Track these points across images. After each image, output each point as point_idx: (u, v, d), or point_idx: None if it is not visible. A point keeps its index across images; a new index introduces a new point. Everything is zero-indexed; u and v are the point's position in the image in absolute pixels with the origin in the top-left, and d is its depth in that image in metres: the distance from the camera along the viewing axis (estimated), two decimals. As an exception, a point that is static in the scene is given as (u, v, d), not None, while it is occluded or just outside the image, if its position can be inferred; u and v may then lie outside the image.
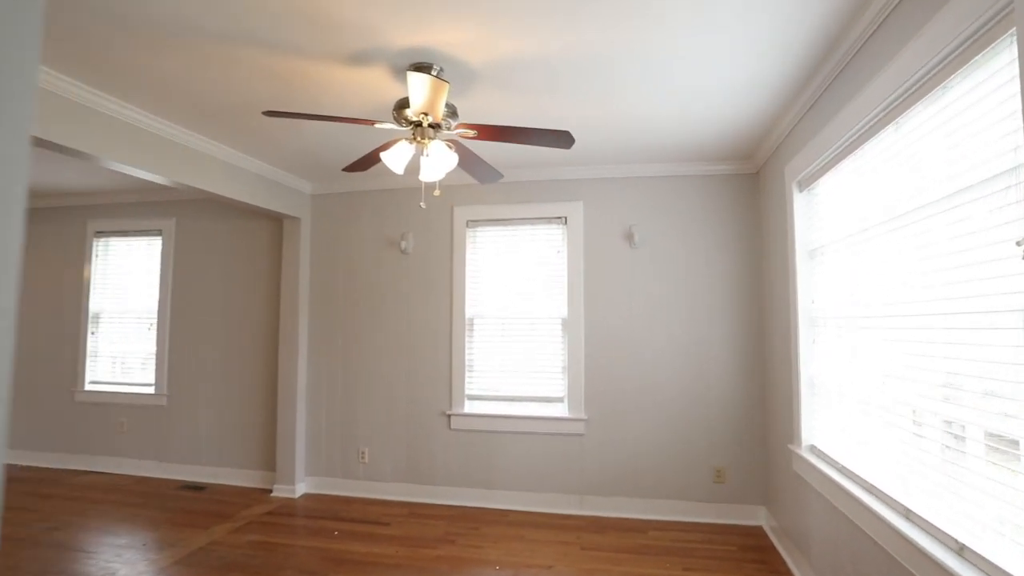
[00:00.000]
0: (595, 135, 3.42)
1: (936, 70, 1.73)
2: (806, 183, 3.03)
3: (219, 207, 4.93)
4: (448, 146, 2.55)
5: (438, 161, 2.43)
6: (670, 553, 3.42)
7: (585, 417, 4.08)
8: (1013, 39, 1.41)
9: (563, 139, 2.42)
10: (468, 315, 4.33)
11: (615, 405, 4.08)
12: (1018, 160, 1.42)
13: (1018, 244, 1.38)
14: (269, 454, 4.67)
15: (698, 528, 3.80)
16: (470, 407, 4.31)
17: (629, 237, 4.11)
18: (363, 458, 4.44)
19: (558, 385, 4.20)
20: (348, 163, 3.99)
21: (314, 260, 4.65)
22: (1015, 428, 1.45)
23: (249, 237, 4.83)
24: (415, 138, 2.46)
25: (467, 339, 4.32)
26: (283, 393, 4.48)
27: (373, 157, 2.75)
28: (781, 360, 3.44)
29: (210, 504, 4.25)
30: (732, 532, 3.74)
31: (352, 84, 2.67)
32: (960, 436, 1.74)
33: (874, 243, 2.28)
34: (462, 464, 4.27)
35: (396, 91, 2.72)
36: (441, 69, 2.50)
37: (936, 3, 1.66)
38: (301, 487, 4.49)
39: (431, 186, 4.15)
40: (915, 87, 1.86)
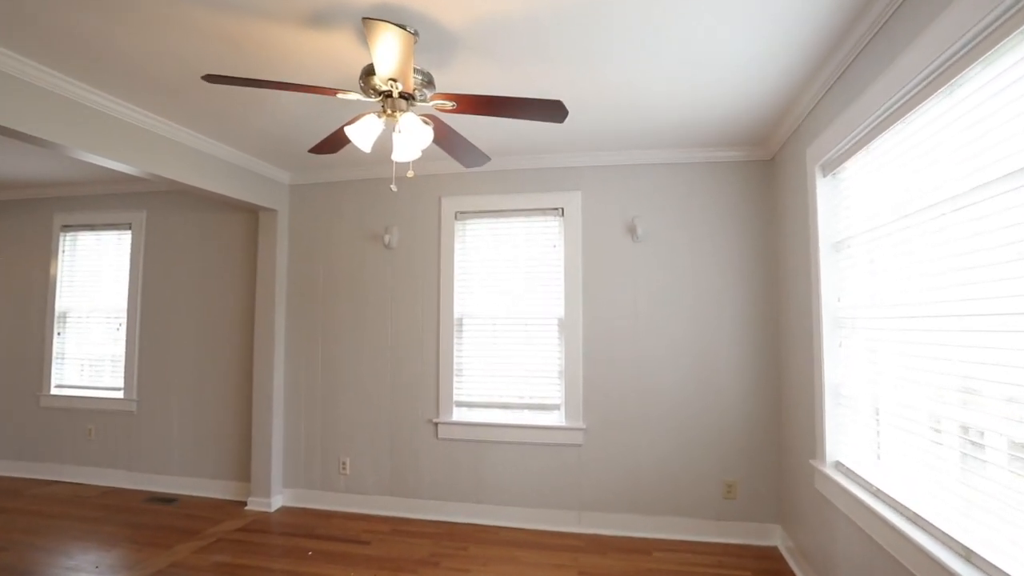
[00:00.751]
0: (591, 115, 3.09)
1: (1013, 11, 1.39)
2: (831, 167, 2.69)
3: (192, 199, 4.61)
4: (425, 121, 2.23)
5: (411, 137, 2.10)
6: (677, 579, 3.08)
7: (583, 426, 3.75)
8: None
9: (554, 110, 2.09)
10: (457, 315, 4.00)
11: (616, 413, 3.74)
12: None
13: None
14: (244, 464, 4.34)
15: (708, 549, 3.46)
16: (459, 415, 3.98)
17: (631, 230, 3.78)
18: (344, 469, 4.12)
19: (554, 391, 3.87)
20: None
21: (292, 255, 4.32)
22: None
23: (223, 231, 4.51)
24: (385, 111, 2.13)
25: (456, 341, 3.99)
26: (258, 399, 4.16)
27: (340, 135, 2.42)
28: (801, 365, 3.10)
29: (177, 519, 3.93)
30: (745, 553, 3.40)
31: (315, 51, 2.34)
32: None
33: (916, 231, 1.95)
34: (450, 476, 3.94)
35: (365, 59, 2.39)
36: (416, 32, 2.17)
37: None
38: (278, 500, 4.16)
39: (404, 167, 3.81)
40: (981, 36, 1.52)
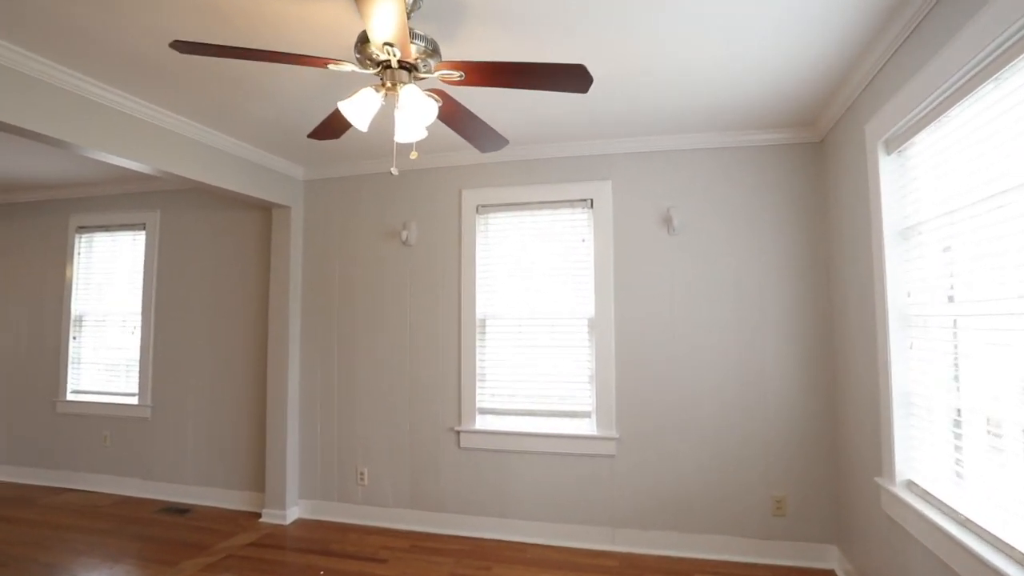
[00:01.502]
0: (621, 95, 2.81)
1: None
2: (896, 143, 2.36)
3: (205, 197, 4.46)
4: (430, 96, 1.98)
5: (413, 113, 1.85)
6: (724, 608, 2.76)
7: (616, 435, 3.45)
8: None
9: (576, 77, 1.82)
10: (479, 316, 3.75)
11: (652, 421, 3.43)
12: None
13: None
14: (260, 474, 4.16)
15: (756, 571, 3.13)
16: (482, 422, 3.72)
17: (667, 221, 3.47)
18: (362, 480, 3.89)
19: (584, 398, 3.58)
20: (330, 136, 3.47)
21: (307, 254, 4.13)
22: None
23: (237, 230, 4.34)
24: (384, 84, 1.89)
25: (478, 344, 3.74)
26: (272, 405, 3.97)
27: (339, 116, 2.19)
28: (862, 370, 2.75)
29: (188, 531, 3.75)
30: (799, 578, 3.06)
31: (309, 23, 2.12)
32: None
33: (1009, 212, 1.61)
34: (473, 489, 3.68)
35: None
36: (420, -3, 1.92)
37: None
38: (293, 512, 3.96)
39: (407, 148, 3.56)
40: None
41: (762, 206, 3.36)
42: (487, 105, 2.94)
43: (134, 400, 4.53)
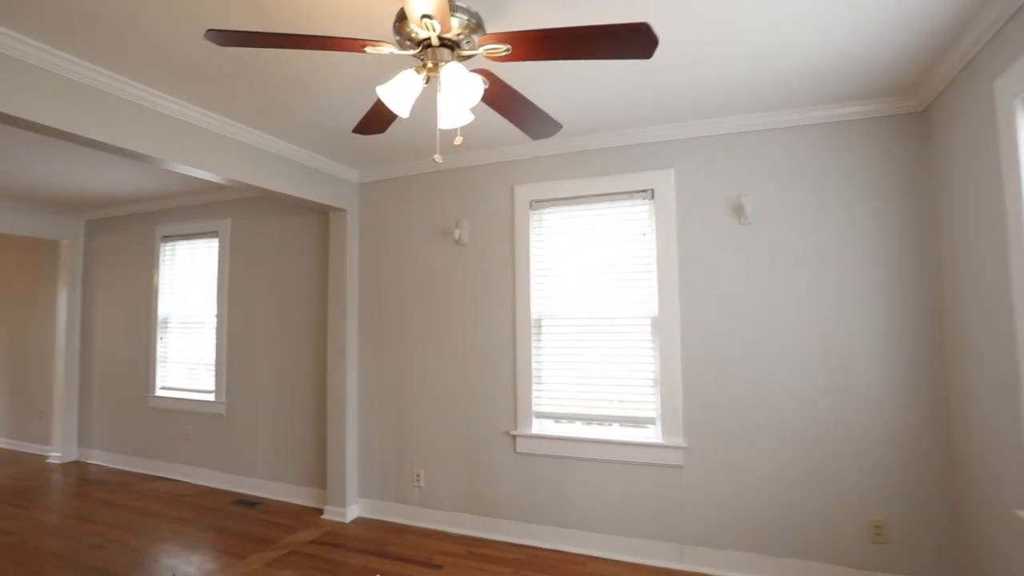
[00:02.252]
0: (687, 70, 2.55)
1: None
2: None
3: (269, 204, 4.62)
4: (481, 80, 1.85)
5: (456, 92, 1.72)
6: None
7: (684, 444, 3.18)
8: None
9: (639, 39, 1.61)
10: (534, 316, 3.60)
11: (724, 429, 3.13)
12: None
13: None
14: (322, 471, 4.24)
15: (847, 604, 2.76)
16: (538, 427, 3.57)
17: (737, 210, 3.16)
18: (418, 481, 3.86)
19: (648, 403, 3.33)
20: (378, 135, 3.44)
21: (363, 256, 4.16)
22: None
23: (297, 234, 4.46)
24: (425, 65, 1.78)
25: (534, 345, 3.59)
26: (332, 405, 4.02)
27: (383, 107, 2.11)
28: (989, 381, 2.33)
29: (257, 525, 3.88)
30: (900, 616, 2.66)
31: (345, 13, 2.05)
32: None
33: None
34: (530, 495, 3.54)
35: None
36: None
37: None
38: (353, 510, 3.99)
39: (451, 136, 3.43)
40: None
41: (850, 189, 2.97)
42: (536, 92, 2.78)
43: (211, 397, 4.78)
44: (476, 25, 1.77)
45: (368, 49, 1.74)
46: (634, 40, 1.63)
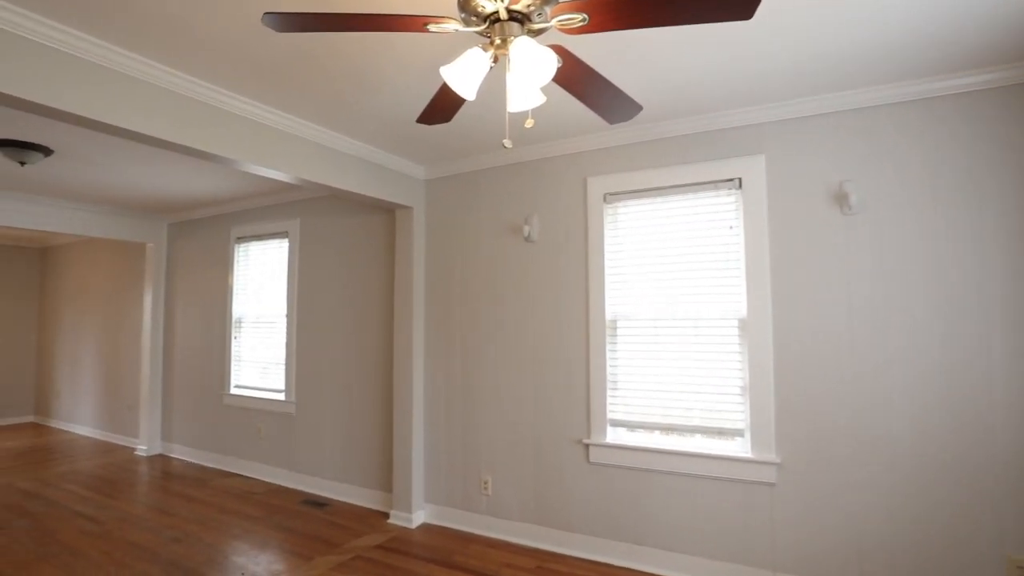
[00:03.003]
0: (781, 38, 2.27)
1: None
2: None
3: (336, 203, 4.63)
4: (554, 54, 1.67)
5: (527, 69, 1.55)
6: None
7: (777, 460, 2.86)
8: None
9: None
10: (609, 316, 3.37)
11: (824, 447, 2.79)
12: None
13: None
14: (389, 474, 4.18)
15: (981, 654, 2.37)
16: (613, 436, 3.33)
17: (840, 199, 2.81)
18: (485, 489, 3.71)
19: (735, 413, 3.04)
20: (446, 130, 3.32)
21: (429, 255, 4.07)
22: None
23: (364, 233, 4.43)
24: (492, 42, 1.62)
25: (608, 348, 3.36)
26: (398, 408, 3.95)
27: (447, 92, 1.97)
28: None
29: (324, 527, 3.85)
30: (1052, 673, 2.24)
31: (415, -8, 1.93)
32: None
33: None
34: (604, 509, 3.31)
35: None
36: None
37: None
38: (419, 516, 3.89)
39: (521, 118, 3.23)
40: None
41: (981, 170, 2.56)
42: (609, 78, 2.57)
43: (281, 397, 4.85)
44: (547, -6, 1.59)
45: (431, 27, 1.59)
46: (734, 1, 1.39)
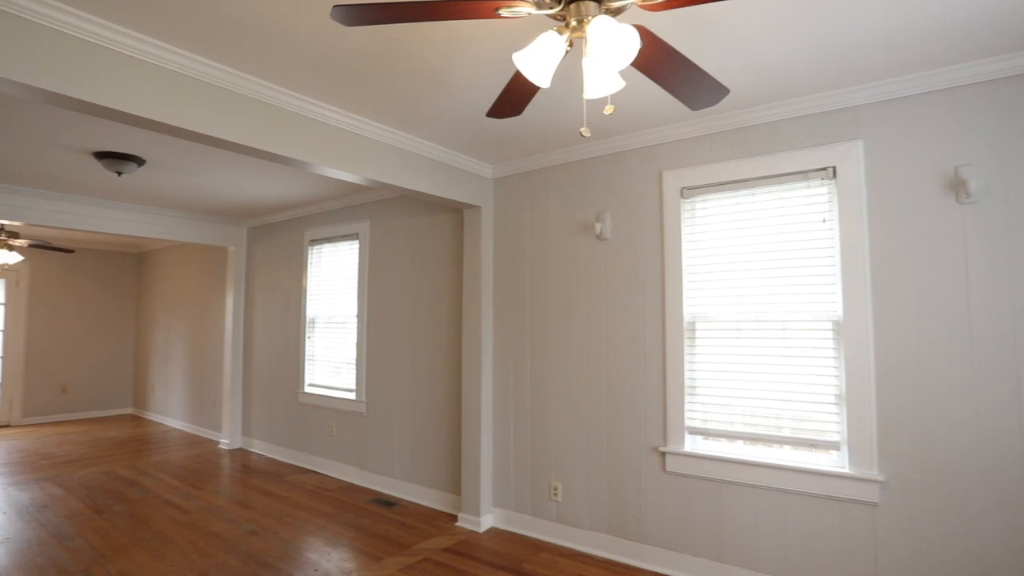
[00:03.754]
0: (884, 10, 2.03)
1: None
2: None
3: (404, 205, 4.66)
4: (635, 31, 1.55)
5: (606, 49, 1.44)
6: None
7: (880, 477, 2.58)
8: None
9: None
10: (687, 318, 3.18)
11: (936, 463, 2.49)
12: None
13: None
14: (457, 476, 4.15)
15: None
16: (692, 444, 3.14)
17: (955, 186, 2.50)
18: (555, 495, 3.60)
19: (830, 424, 2.77)
20: (517, 126, 3.24)
21: (497, 255, 4.00)
22: None
23: (432, 234, 4.43)
24: (567, 24, 1.52)
25: (687, 351, 3.17)
26: (467, 410, 3.91)
27: (518, 82, 1.88)
28: None
29: (393, 526, 3.87)
30: None
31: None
32: None
33: None
34: (682, 522, 3.12)
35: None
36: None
37: None
38: (487, 519, 3.83)
39: (599, 105, 3.07)
40: None
41: None
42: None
43: (352, 396, 4.94)
44: (629, -34, 1.46)
45: (502, 11, 1.51)
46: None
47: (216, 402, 6.60)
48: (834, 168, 2.79)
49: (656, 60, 1.77)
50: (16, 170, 4.18)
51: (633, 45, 1.44)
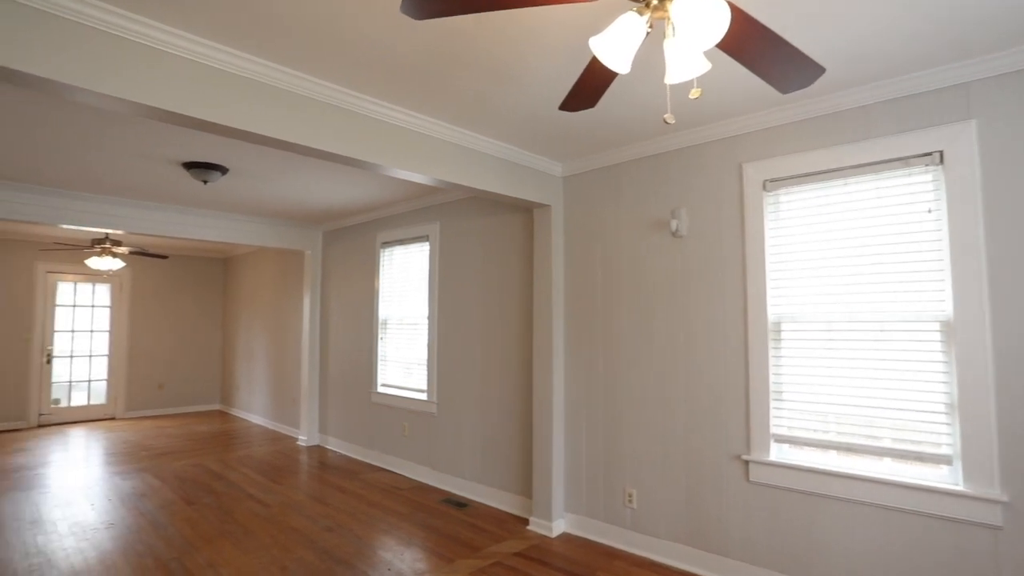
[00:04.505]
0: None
1: None
2: None
3: (474, 205, 4.67)
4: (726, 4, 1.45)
5: (693, 26, 1.35)
6: None
7: (1002, 498, 2.30)
8: None
9: None
10: (772, 318, 2.99)
11: (1075, 482, 2.19)
12: None
13: None
14: (528, 479, 4.10)
15: None
16: (778, 453, 2.94)
17: (1094, 169, 2.20)
18: (630, 501, 3.47)
19: (940, 435, 2.51)
20: (590, 120, 3.16)
21: (568, 255, 3.93)
22: None
23: (502, 234, 4.41)
24: (647, 4, 1.43)
25: (771, 353, 2.97)
26: (538, 413, 3.86)
27: (594, 69, 1.81)
28: None
29: (464, 528, 3.87)
30: None
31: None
32: None
33: None
34: (767, 535, 2.92)
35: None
36: None
37: None
38: (559, 524, 3.76)
39: (684, 90, 2.90)
40: None
41: None
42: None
43: (424, 396, 5.00)
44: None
45: (584, -4, 1.44)
46: None
47: (295, 400, 6.89)
48: (941, 153, 2.53)
49: (743, 38, 1.65)
50: (112, 182, 4.53)
51: (724, 20, 1.34)
